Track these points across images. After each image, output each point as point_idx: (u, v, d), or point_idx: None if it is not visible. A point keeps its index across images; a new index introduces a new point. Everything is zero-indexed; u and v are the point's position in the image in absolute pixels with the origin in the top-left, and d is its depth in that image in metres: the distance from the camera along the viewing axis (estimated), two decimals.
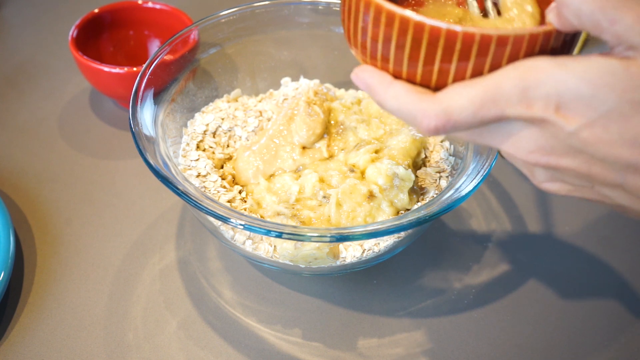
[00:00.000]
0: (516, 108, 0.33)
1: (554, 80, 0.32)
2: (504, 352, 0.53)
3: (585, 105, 0.31)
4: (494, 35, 0.33)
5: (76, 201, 0.63)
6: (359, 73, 0.38)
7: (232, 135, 0.61)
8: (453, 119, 0.34)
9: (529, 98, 0.32)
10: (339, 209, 0.52)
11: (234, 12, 0.64)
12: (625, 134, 0.31)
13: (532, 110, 0.32)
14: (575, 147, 0.33)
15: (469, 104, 0.33)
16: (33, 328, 0.53)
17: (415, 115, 0.35)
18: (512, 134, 0.34)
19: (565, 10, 0.33)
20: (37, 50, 0.82)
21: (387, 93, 0.36)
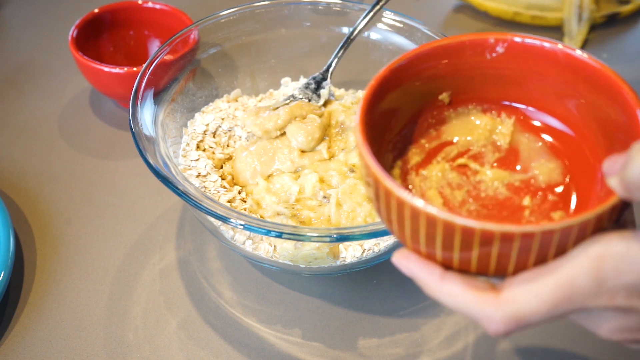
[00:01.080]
0: (596, 301, 0.30)
1: (635, 267, 0.29)
2: (504, 352, 0.53)
3: None
4: (558, 229, 0.29)
5: (76, 201, 0.63)
6: (402, 261, 0.34)
7: (232, 135, 0.61)
8: (524, 322, 0.30)
9: (610, 290, 0.30)
10: (339, 209, 0.52)
11: (234, 12, 0.64)
12: None
13: (615, 302, 0.30)
14: None
15: (540, 306, 0.30)
16: (33, 328, 0.53)
17: (479, 319, 0.31)
18: (594, 318, 0.32)
19: (637, 194, 0.29)
20: (37, 50, 0.82)
21: (441, 290, 0.32)
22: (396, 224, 0.33)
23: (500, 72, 0.39)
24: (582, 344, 0.54)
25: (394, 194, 0.31)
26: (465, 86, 0.39)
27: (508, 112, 0.40)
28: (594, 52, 0.84)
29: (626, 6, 0.89)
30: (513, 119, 0.40)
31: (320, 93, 0.61)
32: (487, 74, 0.39)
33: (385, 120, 0.38)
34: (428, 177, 0.39)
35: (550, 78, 0.37)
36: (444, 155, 0.40)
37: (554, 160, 0.38)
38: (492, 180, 0.38)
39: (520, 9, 0.87)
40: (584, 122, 0.37)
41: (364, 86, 0.68)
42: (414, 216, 0.31)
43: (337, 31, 0.67)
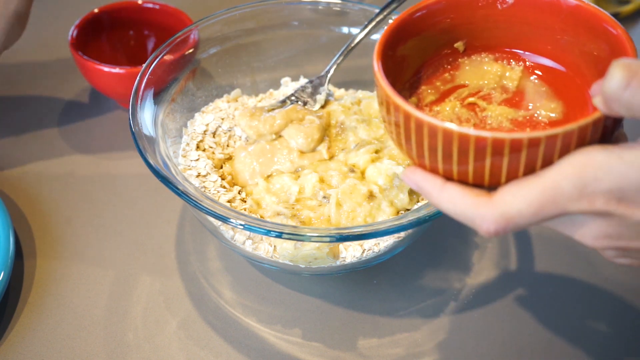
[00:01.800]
0: (577, 205, 0.33)
1: (613, 174, 0.32)
2: (504, 352, 0.53)
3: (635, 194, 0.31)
4: (542, 137, 0.33)
5: (76, 201, 0.63)
6: (410, 175, 0.38)
7: (232, 135, 0.61)
8: (513, 222, 0.34)
9: (590, 194, 0.32)
10: (339, 209, 0.52)
11: (234, 12, 0.64)
12: None
13: (594, 205, 0.32)
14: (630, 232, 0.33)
15: (527, 207, 0.33)
16: (33, 328, 0.53)
17: (473, 220, 0.35)
18: (576, 224, 0.34)
19: (615, 105, 0.32)
20: (37, 50, 0.82)
21: (442, 197, 0.36)
22: (403, 139, 0.37)
23: (510, 21, 0.43)
24: (582, 344, 0.54)
25: (401, 108, 0.36)
26: (479, 35, 0.44)
27: (517, 59, 0.44)
28: None
29: (626, 6, 0.89)
30: (522, 66, 0.44)
31: (316, 98, 0.61)
32: (499, 24, 0.43)
33: (401, 63, 0.42)
34: (440, 112, 0.43)
35: (555, 25, 0.41)
36: (456, 95, 0.44)
37: (556, 100, 0.42)
38: (498, 116, 0.42)
39: None
40: (585, 64, 0.41)
41: (364, 86, 0.69)
42: (418, 128, 0.35)
43: (337, 31, 0.67)
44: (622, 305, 0.56)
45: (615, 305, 0.56)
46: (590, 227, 0.34)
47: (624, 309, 0.56)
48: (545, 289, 0.57)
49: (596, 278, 0.58)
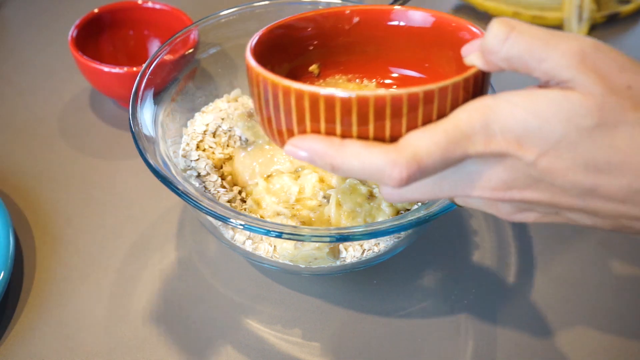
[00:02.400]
0: (476, 146, 0.33)
1: (505, 116, 0.33)
2: (504, 352, 0.53)
3: (537, 136, 0.32)
4: (435, 89, 0.34)
5: (76, 201, 0.63)
6: (298, 142, 0.36)
7: (232, 135, 0.61)
8: (423, 164, 0.33)
9: (487, 135, 0.33)
10: (339, 209, 0.52)
11: (234, 12, 0.64)
12: (578, 160, 0.32)
13: (491, 146, 0.33)
14: (535, 178, 0.34)
15: (436, 147, 0.33)
16: (33, 328, 0.53)
17: (383, 169, 0.34)
18: (473, 175, 0.35)
19: (493, 57, 0.34)
20: (37, 50, 0.82)
21: (344, 152, 0.34)
22: (283, 118, 0.36)
23: (359, 39, 0.44)
24: (583, 344, 0.54)
25: (279, 84, 0.35)
26: (332, 57, 0.45)
27: (370, 75, 0.45)
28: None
29: (626, 6, 0.89)
30: (374, 82, 0.45)
31: None
32: (349, 43, 0.44)
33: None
34: None
35: (401, 37, 0.43)
36: None
37: None
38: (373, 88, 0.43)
39: (520, 8, 0.87)
40: (442, 68, 0.43)
41: None
42: (298, 100, 0.35)
43: None
44: (623, 305, 0.56)
45: (616, 304, 0.56)
46: (486, 175, 0.34)
47: (625, 309, 0.56)
48: (545, 289, 0.57)
49: (597, 278, 0.59)
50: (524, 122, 0.32)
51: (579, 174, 0.33)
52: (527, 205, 0.36)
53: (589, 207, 0.34)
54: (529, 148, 0.33)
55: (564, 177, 0.33)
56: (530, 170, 0.33)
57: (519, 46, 0.33)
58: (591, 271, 0.59)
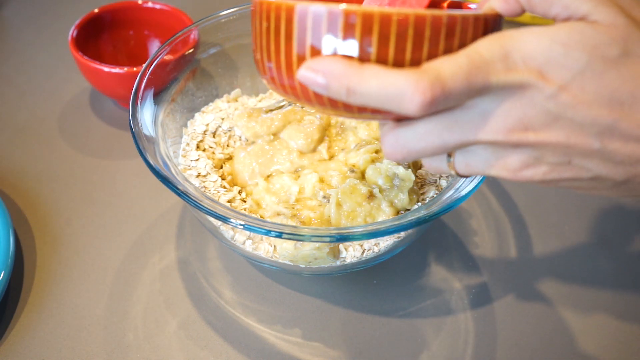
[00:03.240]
0: (498, 74, 0.32)
1: (528, 44, 0.32)
2: (504, 352, 0.53)
3: (560, 66, 0.31)
4: (459, 17, 0.33)
5: (76, 201, 0.63)
6: (314, 64, 0.33)
7: (232, 135, 0.61)
8: (447, 87, 0.31)
9: (508, 63, 0.32)
10: (339, 209, 0.52)
11: (234, 12, 0.64)
12: (601, 92, 0.31)
13: (512, 73, 0.32)
14: (554, 114, 0.32)
15: (459, 70, 0.31)
16: (33, 328, 0.53)
17: (404, 91, 0.31)
18: (488, 115, 0.33)
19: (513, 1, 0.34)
20: (37, 50, 0.82)
21: (363, 73, 0.32)
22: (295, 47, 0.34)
23: None
24: (582, 343, 0.54)
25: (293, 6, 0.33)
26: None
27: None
28: None
29: None
30: None
31: None
32: None
33: None
34: None
35: None
36: None
37: None
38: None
39: None
40: None
41: None
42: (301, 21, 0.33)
43: None
44: (624, 305, 0.56)
45: (616, 304, 0.56)
46: (504, 112, 0.32)
47: (624, 309, 0.56)
48: (545, 289, 0.58)
49: (597, 278, 0.59)
50: (547, 50, 0.31)
51: (602, 108, 0.31)
52: (538, 153, 0.33)
53: (606, 150, 0.32)
54: (551, 77, 0.31)
55: (586, 111, 0.31)
56: (550, 104, 0.32)
57: None
58: (591, 270, 0.59)
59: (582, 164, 0.33)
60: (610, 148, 0.32)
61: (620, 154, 0.32)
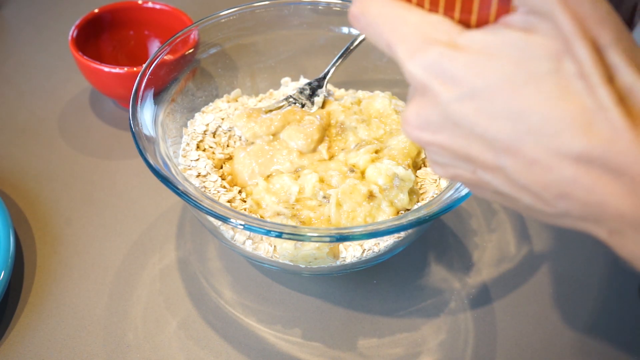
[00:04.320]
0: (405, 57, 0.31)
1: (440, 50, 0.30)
2: (504, 352, 0.53)
3: (474, 74, 0.29)
4: None
5: (76, 201, 0.63)
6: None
7: (232, 135, 0.61)
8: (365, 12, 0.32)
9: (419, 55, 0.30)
10: (339, 209, 0.52)
11: (234, 12, 0.64)
12: (511, 108, 0.28)
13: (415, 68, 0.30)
14: (452, 120, 0.30)
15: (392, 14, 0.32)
16: (33, 328, 0.53)
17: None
18: (407, 105, 0.32)
19: None
20: (37, 50, 0.82)
21: None
22: None
23: None
24: (582, 343, 0.54)
25: None
26: None
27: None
28: None
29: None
30: None
31: (314, 100, 0.61)
32: None
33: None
34: None
35: None
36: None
37: None
38: None
39: None
40: None
41: (364, 86, 0.69)
42: None
43: (337, 31, 0.67)
44: (622, 305, 0.56)
45: (617, 304, 0.56)
46: (410, 107, 0.31)
47: (624, 309, 0.56)
48: (545, 289, 0.58)
49: (598, 278, 0.59)
50: (463, 59, 0.29)
51: (507, 124, 0.29)
52: (442, 156, 0.32)
53: (508, 168, 0.30)
54: (456, 85, 0.29)
55: (488, 124, 0.29)
56: (450, 110, 0.30)
57: None
58: (592, 271, 0.59)
59: (484, 176, 0.32)
60: (511, 169, 0.30)
61: (523, 177, 0.29)
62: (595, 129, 0.27)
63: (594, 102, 0.27)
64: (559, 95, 0.28)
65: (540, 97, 0.28)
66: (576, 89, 0.28)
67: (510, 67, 0.28)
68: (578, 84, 0.28)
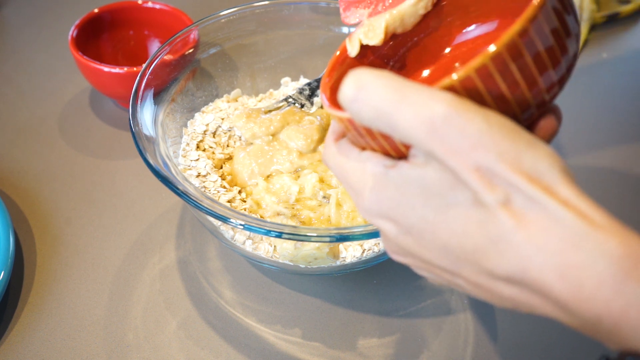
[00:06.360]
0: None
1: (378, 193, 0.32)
2: (504, 352, 0.53)
3: (400, 214, 0.31)
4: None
5: (76, 201, 0.63)
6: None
7: (232, 135, 0.61)
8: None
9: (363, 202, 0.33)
10: (339, 209, 0.52)
11: (234, 12, 0.64)
12: (436, 242, 0.30)
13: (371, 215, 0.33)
14: (405, 250, 0.33)
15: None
16: (33, 328, 0.53)
17: None
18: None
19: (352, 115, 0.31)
20: (37, 50, 0.82)
21: None
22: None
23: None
24: (582, 343, 0.54)
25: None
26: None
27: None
28: (594, 52, 0.84)
29: (626, 6, 0.89)
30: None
31: (313, 101, 0.61)
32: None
33: None
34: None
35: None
36: None
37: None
38: None
39: None
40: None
41: None
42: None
43: (337, 31, 0.67)
44: None
45: None
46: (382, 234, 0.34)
47: None
48: None
49: None
50: (390, 200, 0.31)
51: (441, 255, 0.31)
52: (423, 271, 0.34)
53: (462, 286, 0.32)
54: (392, 225, 0.32)
55: (430, 255, 0.31)
56: (399, 242, 0.32)
57: (369, 109, 0.29)
58: None
59: (455, 282, 0.33)
60: (465, 287, 0.32)
61: (477, 294, 0.32)
62: (504, 251, 0.28)
63: (496, 225, 0.28)
64: (466, 224, 0.29)
65: (453, 229, 0.29)
66: (477, 216, 0.29)
67: (420, 203, 0.30)
68: (477, 211, 0.29)
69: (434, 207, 0.30)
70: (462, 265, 0.30)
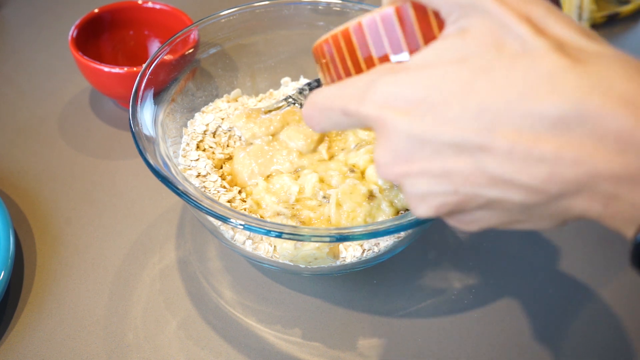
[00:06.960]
0: (352, 106, 0.32)
1: (390, 85, 0.31)
2: (504, 352, 0.53)
3: (420, 88, 0.29)
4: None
5: (76, 201, 0.63)
6: None
7: (232, 135, 0.61)
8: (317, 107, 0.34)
9: (364, 97, 0.32)
10: (339, 209, 0.52)
11: (234, 12, 0.64)
12: (469, 107, 0.28)
13: (364, 107, 0.31)
14: (419, 140, 0.29)
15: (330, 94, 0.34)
16: (33, 328, 0.53)
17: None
18: (375, 148, 0.32)
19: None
20: (37, 50, 0.82)
21: None
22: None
23: None
24: (582, 343, 0.54)
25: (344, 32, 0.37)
26: None
27: None
28: None
29: (626, 6, 0.89)
30: None
31: None
32: None
33: None
34: None
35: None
36: None
37: None
38: None
39: None
40: None
41: None
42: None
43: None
44: (622, 305, 0.56)
45: (615, 304, 0.56)
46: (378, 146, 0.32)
47: (624, 309, 0.56)
48: (545, 289, 0.58)
49: (596, 278, 0.59)
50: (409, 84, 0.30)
51: (471, 123, 0.28)
52: (421, 185, 0.31)
53: (487, 167, 0.28)
54: (404, 110, 0.30)
55: (452, 130, 0.28)
56: (413, 132, 0.30)
57: None
58: (591, 270, 0.59)
59: (468, 190, 0.30)
60: (492, 166, 0.28)
61: (505, 170, 0.28)
62: (559, 87, 0.26)
63: (548, 66, 0.27)
64: (510, 75, 0.27)
65: (493, 85, 0.28)
66: (525, 63, 0.28)
67: (453, 69, 0.29)
68: (525, 58, 0.28)
69: (471, 68, 0.28)
70: (500, 125, 0.27)
